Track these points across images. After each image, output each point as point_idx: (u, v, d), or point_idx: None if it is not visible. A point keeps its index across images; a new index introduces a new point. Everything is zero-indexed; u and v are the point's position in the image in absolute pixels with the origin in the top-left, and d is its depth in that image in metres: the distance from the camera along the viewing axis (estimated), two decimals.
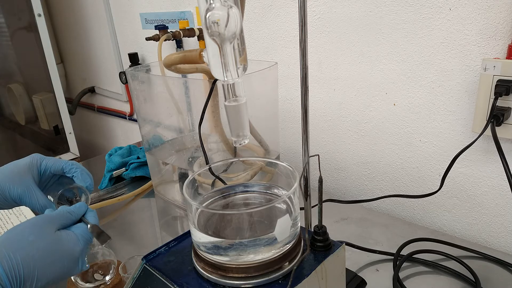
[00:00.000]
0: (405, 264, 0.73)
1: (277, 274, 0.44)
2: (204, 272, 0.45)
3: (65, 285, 0.69)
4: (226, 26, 0.41)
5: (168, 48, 1.42)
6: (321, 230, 0.49)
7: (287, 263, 0.45)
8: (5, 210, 0.96)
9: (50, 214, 0.52)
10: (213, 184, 0.63)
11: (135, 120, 1.78)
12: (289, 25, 1.03)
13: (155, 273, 0.47)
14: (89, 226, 0.53)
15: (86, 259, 0.53)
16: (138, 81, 0.95)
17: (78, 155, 1.77)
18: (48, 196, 0.62)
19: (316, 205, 0.50)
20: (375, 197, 0.82)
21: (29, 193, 0.57)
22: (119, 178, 1.14)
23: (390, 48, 0.85)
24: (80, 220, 0.54)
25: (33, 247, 0.46)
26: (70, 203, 0.59)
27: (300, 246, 0.48)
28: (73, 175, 0.62)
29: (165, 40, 1.25)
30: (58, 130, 1.75)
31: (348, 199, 0.84)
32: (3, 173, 0.57)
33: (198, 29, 1.28)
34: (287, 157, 1.17)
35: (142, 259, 0.49)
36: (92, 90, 2.05)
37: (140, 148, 1.21)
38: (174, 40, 1.33)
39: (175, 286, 0.45)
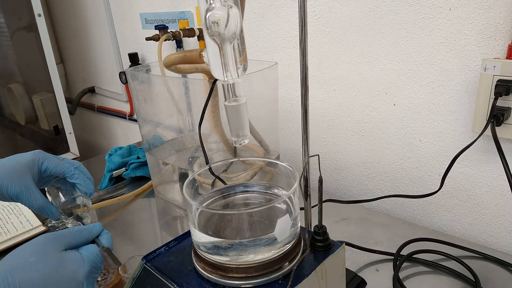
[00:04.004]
0: (405, 264, 0.73)
1: (277, 274, 0.44)
2: (204, 272, 0.45)
3: None
4: (226, 26, 0.41)
5: (168, 48, 1.42)
6: (321, 230, 0.49)
7: (287, 263, 0.45)
8: (5, 211, 0.97)
9: (57, 232, 0.49)
10: (213, 184, 0.63)
11: (135, 120, 1.78)
12: (289, 25, 1.03)
13: (155, 273, 0.47)
14: (101, 248, 0.48)
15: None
16: (138, 81, 0.95)
17: (78, 155, 1.77)
18: (46, 188, 0.62)
19: (316, 205, 0.50)
20: (375, 197, 0.82)
21: (26, 192, 0.57)
22: (119, 178, 1.14)
23: (390, 48, 0.85)
24: (93, 241, 0.50)
25: (32, 269, 0.43)
26: (73, 211, 0.59)
27: (300, 246, 0.48)
28: (75, 181, 0.61)
29: (165, 40, 1.25)
30: (58, 130, 1.75)
31: (348, 199, 0.84)
32: (3, 169, 0.57)
33: (198, 29, 1.28)
34: (287, 157, 1.17)
35: (142, 259, 0.49)
36: (92, 90, 2.05)
37: (140, 148, 1.21)
38: (174, 40, 1.33)
39: (175, 286, 0.45)
